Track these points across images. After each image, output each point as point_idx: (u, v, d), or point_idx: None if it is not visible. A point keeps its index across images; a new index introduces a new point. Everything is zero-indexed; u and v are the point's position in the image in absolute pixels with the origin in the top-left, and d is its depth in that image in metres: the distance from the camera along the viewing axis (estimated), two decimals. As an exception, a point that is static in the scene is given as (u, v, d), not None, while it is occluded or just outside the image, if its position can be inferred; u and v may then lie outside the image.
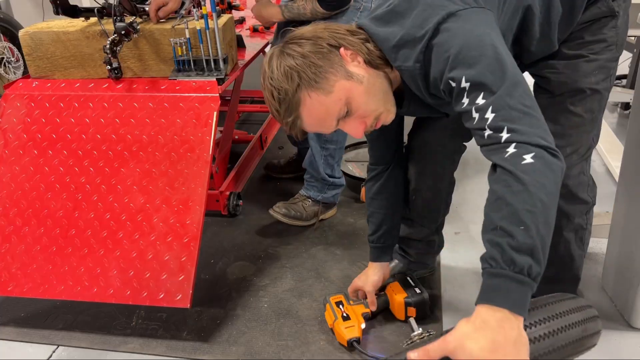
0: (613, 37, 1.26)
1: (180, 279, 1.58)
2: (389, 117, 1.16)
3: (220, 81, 1.79)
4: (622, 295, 1.67)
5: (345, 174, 2.44)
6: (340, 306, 1.63)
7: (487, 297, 0.84)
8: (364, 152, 2.67)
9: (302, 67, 1.06)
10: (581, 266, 1.51)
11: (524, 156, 0.88)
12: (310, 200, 2.19)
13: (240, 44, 2.17)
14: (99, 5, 1.84)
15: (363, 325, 1.58)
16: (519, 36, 1.21)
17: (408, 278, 1.68)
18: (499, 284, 0.84)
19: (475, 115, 0.95)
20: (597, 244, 1.96)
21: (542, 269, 0.85)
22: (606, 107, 1.38)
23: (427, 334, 1.52)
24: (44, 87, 1.88)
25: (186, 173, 1.68)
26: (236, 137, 2.80)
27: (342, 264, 1.97)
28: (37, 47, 1.86)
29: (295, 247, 2.08)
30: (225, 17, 1.94)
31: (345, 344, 1.55)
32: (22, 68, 3.48)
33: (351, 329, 1.56)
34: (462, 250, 2.00)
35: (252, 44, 2.27)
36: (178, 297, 1.56)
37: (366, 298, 1.63)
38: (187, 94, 1.78)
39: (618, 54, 1.31)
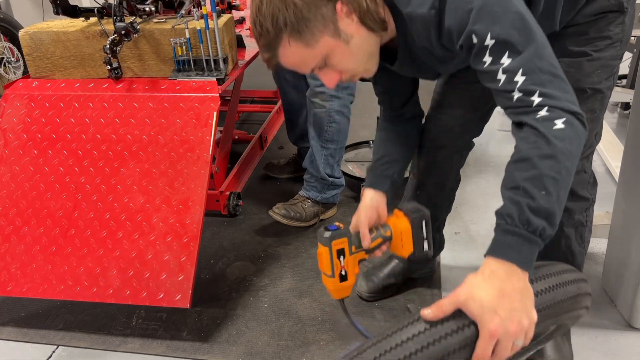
0: (619, 33, 1.24)
1: (180, 278, 1.58)
2: (366, 75, 1.13)
3: (220, 81, 1.79)
4: (622, 295, 1.67)
5: (345, 174, 2.44)
6: (341, 257, 1.27)
7: (498, 251, 0.88)
8: (364, 152, 2.67)
9: (290, 15, 1.00)
10: (582, 264, 1.50)
11: (556, 121, 0.89)
12: (309, 200, 2.19)
13: (240, 44, 2.17)
14: (99, 5, 1.84)
15: (357, 273, 1.31)
16: None
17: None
18: (511, 241, 0.87)
19: (502, 76, 0.93)
20: (597, 244, 1.96)
21: (554, 232, 0.88)
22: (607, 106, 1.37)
23: None
24: (44, 87, 1.88)
25: (186, 173, 1.68)
26: (236, 137, 2.80)
27: (342, 264, 1.97)
28: (37, 47, 1.86)
29: (295, 247, 2.08)
30: (225, 17, 1.94)
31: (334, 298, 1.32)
32: (22, 68, 3.48)
33: (344, 291, 1.29)
34: (462, 250, 2.00)
35: (252, 44, 2.27)
36: (178, 297, 1.56)
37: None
38: (187, 94, 1.78)
39: (622, 52, 1.29)
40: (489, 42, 0.93)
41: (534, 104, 0.91)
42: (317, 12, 1.01)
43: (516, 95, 0.92)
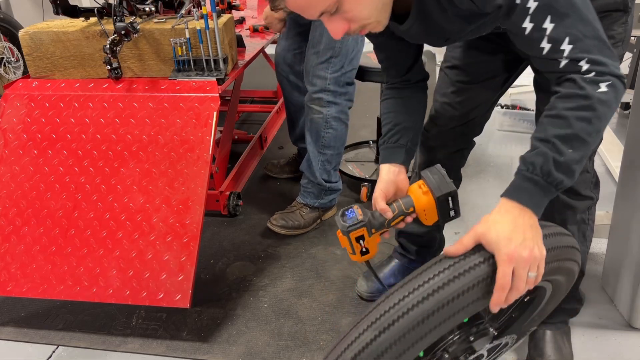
0: (621, 33, 1.23)
1: (179, 278, 1.58)
2: (376, 28, 1.06)
3: (220, 81, 1.79)
4: (622, 295, 1.67)
5: (345, 174, 2.44)
6: (361, 241, 1.25)
7: (515, 194, 0.94)
8: (363, 152, 2.67)
9: None
10: (585, 262, 1.50)
11: (601, 84, 0.91)
12: (307, 207, 2.18)
13: (240, 44, 2.17)
14: (99, 5, 1.84)
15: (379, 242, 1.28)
16: None
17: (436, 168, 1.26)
18: (529, 187, 0.93)
19: (546, 45, 0.93)
20: (597, 244, 1.96)
21: (570, 185, 0.94)
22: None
23: None
24: (44, 87, 1.88)
25: (186, 173, 1.68)
26: (236, 137, 2.80)
27: (342, 264, 1.97)
28: (37, 47, 1.86)
29: (295, 247, 2.08)
30: (225, 17, 1.94)
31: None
32: (22, 68, 3.48)
33: (367, 258, 1.27)
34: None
35: (252, 44, 2.27)
36: (178, 297, 1.56)
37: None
38: (187, 94, 1.78)
39: (623, 52, 1.28)
40: (532, 4, 0.91)
41: (582, 69, 0.92)
42: None
43: (563, 62, 0.93)
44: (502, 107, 3.03)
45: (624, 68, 3.17)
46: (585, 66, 0.92)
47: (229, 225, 2.24)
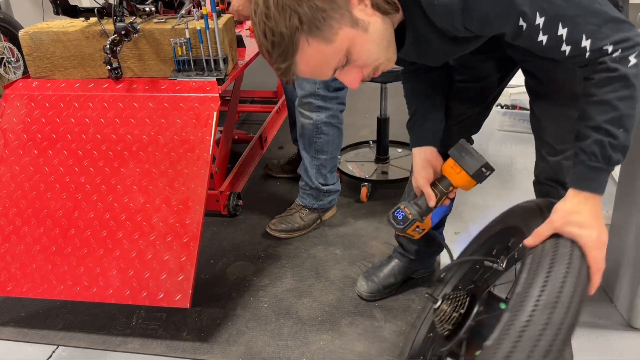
0: None
1: (180, 278, 1.58)
2: (388, 66, 1.09)
3: (220, 81, 1.79)
4: (622, 295, 1.67)
5: (345, 174, 2.44)
6: (417, 228, 1.37)
7: (585, 185, 1.01)
8: (364, 152, 2.67)
9: (304, 8, 0.93)
10: None
11: (630, 57, 0.95)
12: (307, 209, 2.17)
13: (240, 44, 2.17)
14: (99, 5, 1.84)
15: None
16: None
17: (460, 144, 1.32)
18: (595, 175, 1.00)
19: (567, 48, 0.97)
20: (597, 244, 1.96)
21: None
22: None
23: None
24: (44, 87, 1.88)
25: (186, 173, 1.68)
26: (236, 137, 2.80)
27: (342, 264, 1.97)
28: (37, 47, 1.86)
29: (295, 247, 2.08)
30: (225, 17, 1.94)
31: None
32: (22, 68, 3.48)
33: (425, 232, 1.40)
34: (461, 249, 1.99)
35: (252, 44, 2.27)
36: (178, 297, 1.56)
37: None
38: (187, 94, 1.78)
39: None
40: (539, 20, 0.95)
41: (608, 52, 0.96)
42: (330, 0, 0.95)
43: (588, 55, 0.97)
44: (502, 107, 3.03)
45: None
46: (610, 48, 0.95)
47: (229, 225, 2.24)
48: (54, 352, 1.65)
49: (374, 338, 1.63)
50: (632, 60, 0.94)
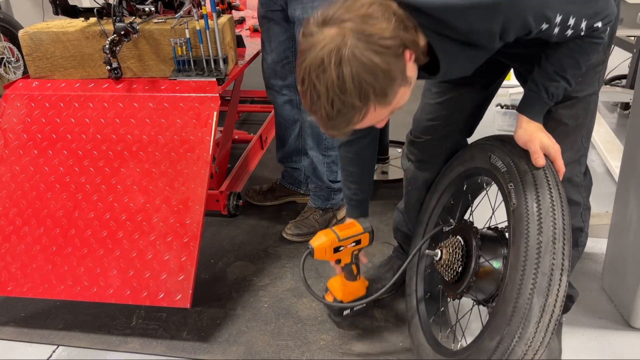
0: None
1: (180, 278, 1.58)
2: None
3: (220, 81, 1.79)
4: (622, 295, 1.67)
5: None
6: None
7: (539, 117, 1.24)
8: (363, 152, 2.66)
9: (380, 82, 0.96)
10: (573, 266, 1.48)
11: (597, 24, 1.10)
12: (320, 210, 2.16)
13: (240, 44, 2.17)
14: (99, 6, 1.84)
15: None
16: None
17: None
18: (541, 109, 1.23)
19: (570, 32, 1.09)
20: (597, 244, 1.96)
21: None
22: (606, 107, 1.38)
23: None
24: (44, 87, 1.88)
25: (186, 173, 1.68)
26: (236, 137, 2.80)
27: (342, 264, 1.97)
28: (37, 47, 1.86)
29: (295, 247, 2.08)
30: (225, 17, 1.95)
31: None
32: (22, 68, 3.48)
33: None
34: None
35: (252, 44, 2.27)
36: (178, 297, 1.56)
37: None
38: (187, 94, 1.78)
39: (605, 56, 1.30)
40: (557, 18, 1.06)
41: (598, 28, 1.11)
42: (397, 68, 0.98)
43: (584, 32, 1.11)
44: (502, 107, 3.03)
45: (624, 68, 3.18)
46: (599, 24, 1.10)
47: (229, 225, 2.24)
48: (54, 352, 1.65)
49: (374, 338, 1.63)
50: (600, 25, 1.10)
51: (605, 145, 2.61)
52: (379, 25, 0.97)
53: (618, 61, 3.19)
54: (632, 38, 3.00)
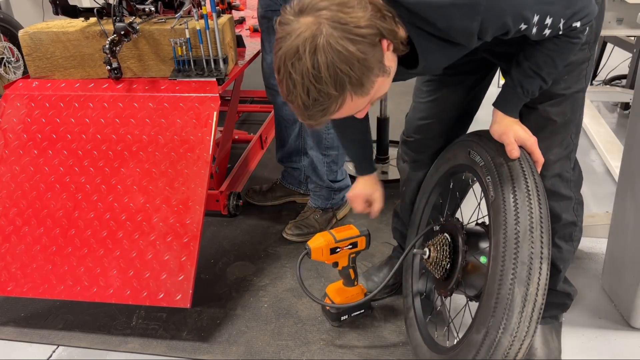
0: (587, 35, 1.23)
1: (180, 278, 1.58)
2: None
3: (220, 81, 1.79)
4: (622, 295, 1.67)
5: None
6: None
7: (515, 113, 1.27)
8: (363, 152, 2.66)
9: (356, 71, 0.95)
10: (569, 260, 1.47)
11: (575, 24, 1.11)
12: (320, 210, 2.16)
13: (240, 44, 2.17)
14: (99, 6, 1.84)
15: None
16: None
17: None
18: (519, 105, 1.26)
19: (547, 31, 1.11)
20: (597, 244, 1.96)
21: None
22: (606, 107, 1.38)
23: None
24: (44, 87, 1.88)
25: (186, 173, 1.68)
26: (236, 137, 2.80)
27: (342, 264, 1.97)
28: (37, 47, 1.86)
29: (295, 247, 2.08)
30: (225, 17, 1.94)
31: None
32: (22, 68, 3.48)
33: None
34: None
35: (252, 44, 2.27)
36: (178, 297, 1.56)
37: None
38: (187, 94, 1.78)
39: (590, 53, 1.30)
40: (535, 18, 1.07)
41: (576, 28, 1.12)
42: (374, 57, 0.98)
43: (562, 32, 1.13)
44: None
45: (624, 68, 3.18)
46: (577, 24, 1.12)
47: (229, 225, 2.24)
48: (54, 352, 1.65)
49: (374, 338, 1.63)
50: (577, 25, 1.11)
51: (605, 145, 2.61)
52: (355, 13, 0.95)
53: (618, 61, 3.19)
54: (632, 38, 3.00)
